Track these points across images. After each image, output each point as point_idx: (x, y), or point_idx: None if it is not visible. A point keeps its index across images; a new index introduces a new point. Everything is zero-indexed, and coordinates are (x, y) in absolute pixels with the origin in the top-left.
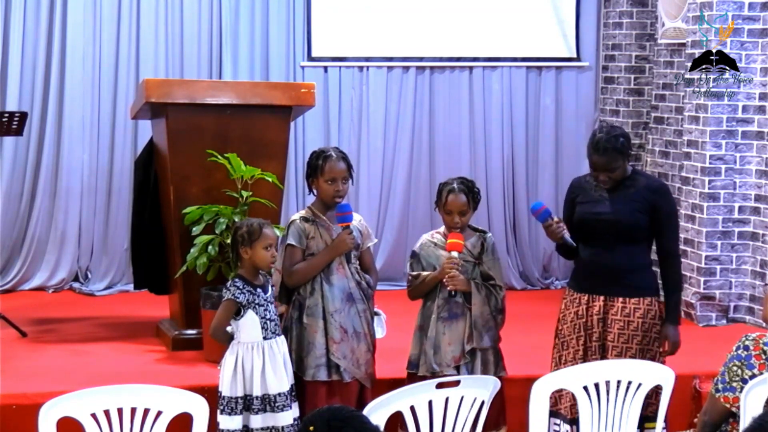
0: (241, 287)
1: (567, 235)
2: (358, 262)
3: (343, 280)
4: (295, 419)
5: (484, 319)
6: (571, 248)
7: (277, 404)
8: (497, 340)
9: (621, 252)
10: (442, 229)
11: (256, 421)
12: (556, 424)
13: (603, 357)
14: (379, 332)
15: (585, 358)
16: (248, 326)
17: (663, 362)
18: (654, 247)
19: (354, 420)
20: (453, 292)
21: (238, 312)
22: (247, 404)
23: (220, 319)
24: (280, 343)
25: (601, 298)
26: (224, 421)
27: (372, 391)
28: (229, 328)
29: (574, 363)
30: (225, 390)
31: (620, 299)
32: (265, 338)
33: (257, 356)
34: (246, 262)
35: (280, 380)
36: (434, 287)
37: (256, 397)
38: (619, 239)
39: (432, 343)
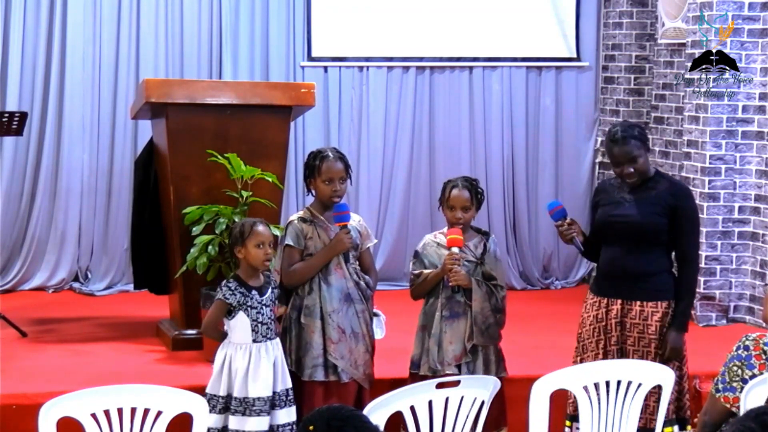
0: (233, 288)
1: (578, 239)
2: (357, 262)
3: (342, 280)
4: (280, 426)
5: (484, 316)
6: (581, 252)
7: (254, 408)
8: (498, 339)
9: (640, 255)
10: (445, 229)
11: (233, 422)
12: (578, 428)
13: None
14: (378, 333)
15: None
16: (238, 328)
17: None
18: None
19: (354, 419)
20: (455, 288)
21: (230, 312)
22: (227, 404)
23: (211, 318)
24: (272, 347)
25: (619, 301)
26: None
27: (371, 391)
28: (226, 327)
29: None
30: (209, 387)
31: (638, 303)
32: (254, 341)
33: (243, 358)
34: (242, 262)
35: (261, 385)
36: (436, 285)
37: (236, 398)
38: (638, 242)
39: (436, 340)
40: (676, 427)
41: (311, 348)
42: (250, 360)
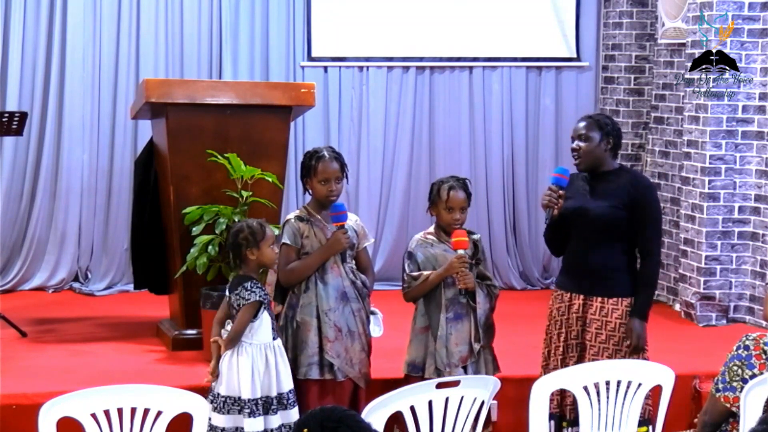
0: (261, 287)
1: (550, 212)
2: (353, 262)
3: (338, 279)
4: (282, 426)
5: (486, 317)
6: (546, 224)
7: (289, 401)
8: (494, 337)
9: (600, 250)
10: (431, 229)
11: (275, 420)
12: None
13: (581, 355)
14: (376, 331)
15: (564, 356)
16: (263, 327)
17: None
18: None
19: (347, 419)
20: (461, 290)
21: (255, 314)
22: (266, 406)
23: (243, 321)
24: (281, 343)
25: (581, 296)
26: (249, 424)
27: (366, 390)
28: (223, 332)
29: (555, 360)
30: (246, 393)
31: (598, 299)
32: (274, 338)
33: (271, 356)
34: (252, 263)
35: (288, 377)
36: (436, 287)
37: (274, 398)
38: (597, 235)
39: (443, 342)
40: (650, 428)
41: (307, 346)
42: (276, 356)
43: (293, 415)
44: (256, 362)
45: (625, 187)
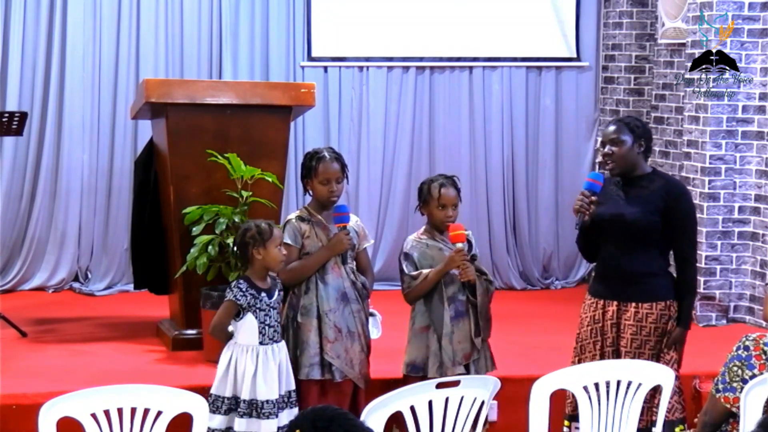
0: (243, 289)
1: (581, 217)
2: (354, 263)
3: (338, 279)
4: (279, 428)
5: (485, 311)
6: (577, 229)
7: (263, 411)
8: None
9: (634, 255)
10: (422, 229)
11: (241, 424)
12: (576, 428)
13: None
14: (374, 333)
15: None
16: (246, 329)
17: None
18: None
19: (339, 418)
20: (464, 284)
21: (238, 314)
22: (234, 406)
23: (220, 319)
24: (278, 350)
25: (615, 303)
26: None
27: (366, 391)
28: (230, 327)
29: None
30: (213, 387)
31: (633, 304)
32: (261, 343)
33: (250, 360)
34: (257, 263)
35: (270, 387)
36: (435, 285)
37: (244, 401)
38: (632, 241)
39: (449, 340)
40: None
41: (308, 347)
42: (258, 362)
43: (264, 425)
44: (236, 362)
45: (660, 192)
